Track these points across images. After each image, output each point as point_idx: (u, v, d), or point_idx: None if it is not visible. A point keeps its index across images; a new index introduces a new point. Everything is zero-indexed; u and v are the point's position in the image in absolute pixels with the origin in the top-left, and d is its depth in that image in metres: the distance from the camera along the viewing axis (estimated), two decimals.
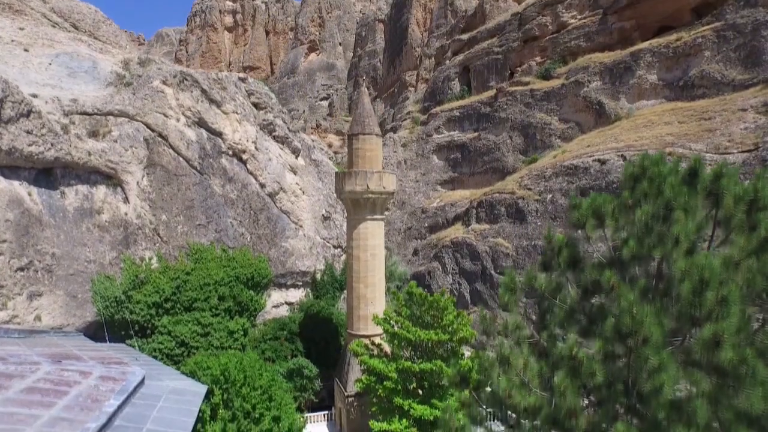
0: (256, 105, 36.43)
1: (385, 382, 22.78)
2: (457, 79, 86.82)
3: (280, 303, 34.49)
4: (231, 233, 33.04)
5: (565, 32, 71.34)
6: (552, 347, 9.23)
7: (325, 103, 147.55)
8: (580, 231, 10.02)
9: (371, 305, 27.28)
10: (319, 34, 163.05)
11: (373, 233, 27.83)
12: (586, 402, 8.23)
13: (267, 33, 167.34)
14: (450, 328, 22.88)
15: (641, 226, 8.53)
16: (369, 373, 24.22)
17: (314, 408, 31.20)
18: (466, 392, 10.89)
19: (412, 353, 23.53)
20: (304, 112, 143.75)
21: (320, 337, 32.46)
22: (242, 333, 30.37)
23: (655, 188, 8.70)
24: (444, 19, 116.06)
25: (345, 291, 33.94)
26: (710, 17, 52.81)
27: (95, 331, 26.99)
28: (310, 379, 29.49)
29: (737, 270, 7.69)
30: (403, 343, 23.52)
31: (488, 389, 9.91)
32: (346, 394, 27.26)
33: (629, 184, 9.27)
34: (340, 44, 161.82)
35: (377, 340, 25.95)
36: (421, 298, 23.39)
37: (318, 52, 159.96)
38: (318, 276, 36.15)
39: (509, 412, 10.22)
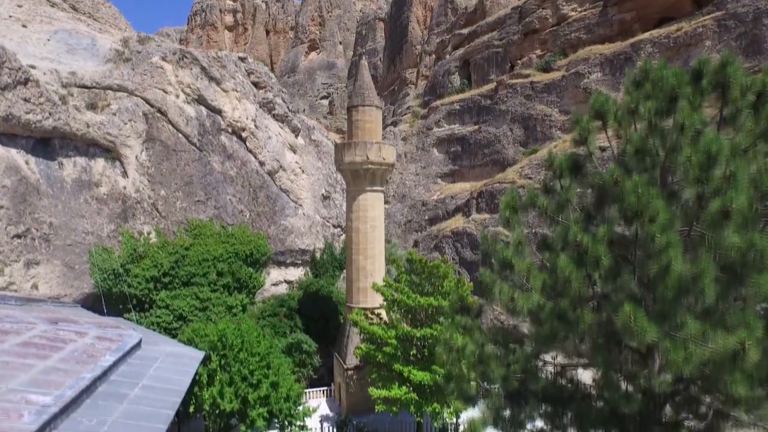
0: (255, 84, 36.31)
1: (384, 348, 22.53)
2: (457, 72, 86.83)
3: (279, 281, 34.25)
4: (230, 210, 32.84)
5: (566, 25, 71.32)
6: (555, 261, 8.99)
7: (325, 102, 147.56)
8: (582, 147, 9.85)
9: (371, 277, 27.04)
10: (320, 33, 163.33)
11: (373, 205, 27.63)
12: (592, 294, 8.01)
13: (267, 32, 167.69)
14: (450, 295, 22.63)
15: (644, 123, 8.36)
16: (368, 341, 23.97)
17: (313, 386, 30.93)
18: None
19: (412, 320, 23.27)
20: (304, 110, 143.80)
21: (319, 314, 32.22)
22: (241, 309, 30.12)
23: (658, 89, 8.52)
24: (444, 17, 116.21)
25: (345, 270, 33.72)
26: (711, 7, 52.79)
27: (93, 304, 26.72)
28: (309, 355, 29.23)
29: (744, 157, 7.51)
30: (402, 310, 23.28)
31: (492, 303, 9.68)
32: (345, 366, 27.00)
33: (632, 89, 9.09)
34: (340, 43, 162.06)
35: (377, 311, 25.73)
36: (421, 265, 23.17)
37: (318, 51, 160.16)
38: (317, 255, 35.91)
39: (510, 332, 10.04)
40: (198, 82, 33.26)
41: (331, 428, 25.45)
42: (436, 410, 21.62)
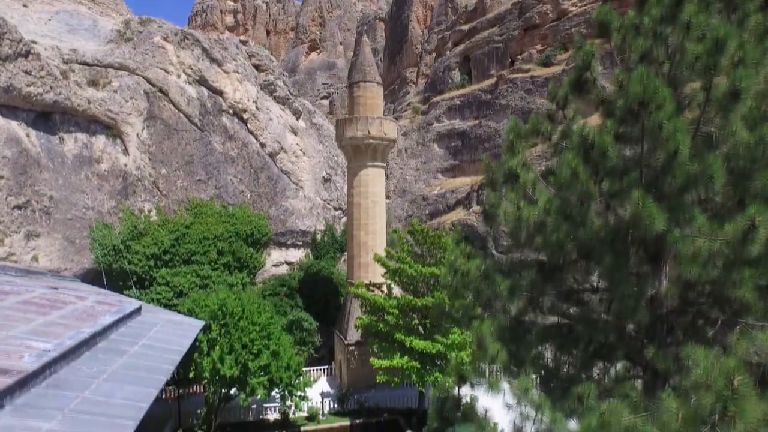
0: (257, 67, 36.33)
1: (386, 317, 22.41)
2: (457, 68, 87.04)
3: (279, 262, 34.13)
4: (231, 190, 32.78)
5: (566, 19, 71.52)
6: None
7: (325, 102, 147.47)
8: (588, 73, 9.77)
9: (372, 253, 26.90)
10: (320, 33, 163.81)
11: (374, 180, 27.56)
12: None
13: (268, 32, 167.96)
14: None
15: (649, 32, 8.28)
16: (370, 313, 23.86)
17: (314, 365, 30.74)
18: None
19: (413, 291, 23.15)
20: None
21: (320, 294, 32.10)
22: (241, 287, 29.98)
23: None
24: (444, 17, 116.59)
25: (346, 252, 33.62)
26: None
27: (93, 280, 26.61)
28: (310, 332, 29.09)
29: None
30: (403, 281, 23.17)
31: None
32: (346, 342, 26.85)
33: (636, 7, 9.03)
34: (340, 43, 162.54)
35: (379, 284, 25.63)
36: (422, 235, 23.09)
37: (319, 51, 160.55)
38: (318, 236, 35.81)
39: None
40: (199, 63, 33.27)
41: (331, 402, 25.28)
42: (438, 379, 21.48)
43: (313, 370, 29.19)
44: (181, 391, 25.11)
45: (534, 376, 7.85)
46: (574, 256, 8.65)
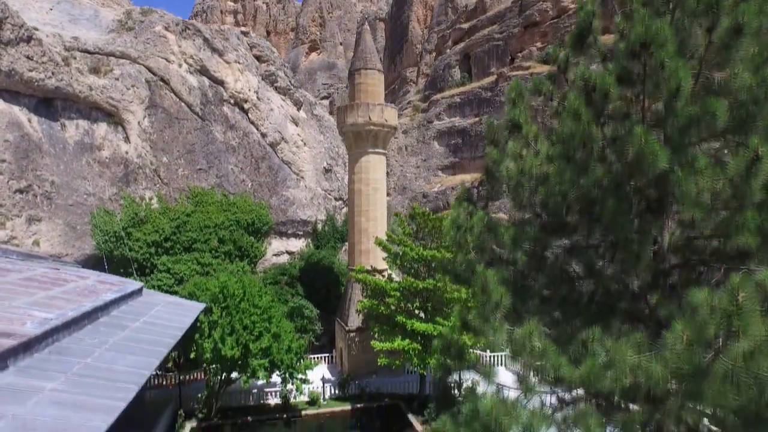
0: (258, 57, 36.39)
1: (387, 299, 22.41)
2: (457, 66, 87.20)
3: (280, 252, 34.13)
4: (232, 179, 32.80)
5: (566, 17, 71.70)
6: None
7: (326, 102, 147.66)
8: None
9: (373, 239, 26.91)
10: (320, 33, 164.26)
11: (375, 167, 27.59)
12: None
13: (268, 33, 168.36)
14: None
15: None
16: (371, 297, 23.86)
17: (314, 354, 30.72)
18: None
19: (414, 275, 23.14)
20: None
21: (321, 284, 32.11)
22: (242, 275, 29.99)
23: None
24: (444, 16, 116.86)
25: (346, 242, 33.64)
26: None
27: (94, 266, 26.58)
28: (311, 320, 29.07)
29: None
30: (405, 263, 23.18)
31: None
32: (347, 328, 26.83)
33: None
34: (340, 44, 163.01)
35: (380, 269, 25.64)
36: (424, 218, 23.10)
37: (319, 51, 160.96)
38: (319, 226, 35.82)
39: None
40: (200, 53, 33.34)
41: (332, 388, 25.25)
42: (440, 361, 21.41)
43: (314, 357, 29.13)
44: (182, 377, 25.11)
45: (538, 325, 7.83)
46: (577, 208, 8.68)
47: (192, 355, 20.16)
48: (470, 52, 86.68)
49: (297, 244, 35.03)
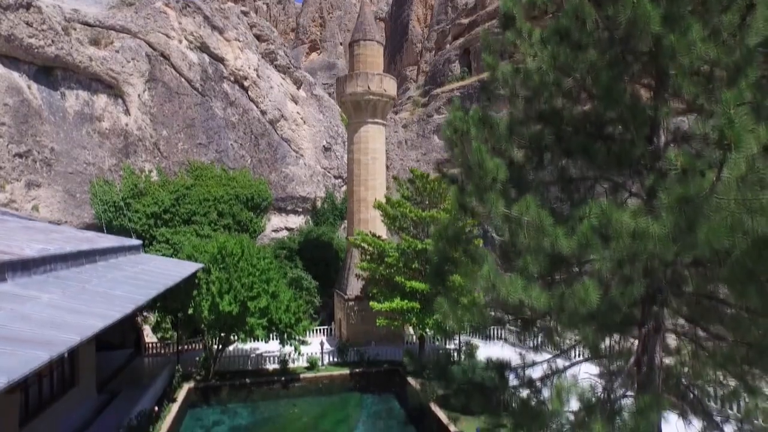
0: (258, 37, 36.55)
1: (386, 259, 22.38)
2: (457, 61, 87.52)
3: (279, 228, 34.12)
4: (231, 155, 32.85)
5: None
6: None
7: None
8: None
9: (372, 209, 26.92)
10: (320, 34, 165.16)
11: (374, 137, 27.63)
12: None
13: None
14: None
15: None
16: (370, 261, 23.83)
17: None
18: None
19: (414, 237, 23.12)
20: None
21: (320, 258, 32.08)
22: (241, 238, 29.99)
23: None
24: (444, 15, 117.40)
25: (345, 220, 33.64)
26: None
27: None
28: (310, 291, 29.01)
29: None
30: (404, 225, 23.17)
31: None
32: (346, 297, 26.78)
33: None
34: (340, 44, 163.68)
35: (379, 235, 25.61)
36: (422, 181, 23.12)
37: (319, 51, 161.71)
38: (318, 204, 35.84)
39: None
40: (201, 30, 33.48)
41: (331, 356, 25.16)
42: (438, 321, 21.39)
43: (313, 330, 29.06)
44: (180, 347, 25.08)
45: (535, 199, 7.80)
46: (572, 95, 8.70)
47: (190, 311, 20.07)
48: (470, 47, 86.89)
49: (296, 221, 35.03)
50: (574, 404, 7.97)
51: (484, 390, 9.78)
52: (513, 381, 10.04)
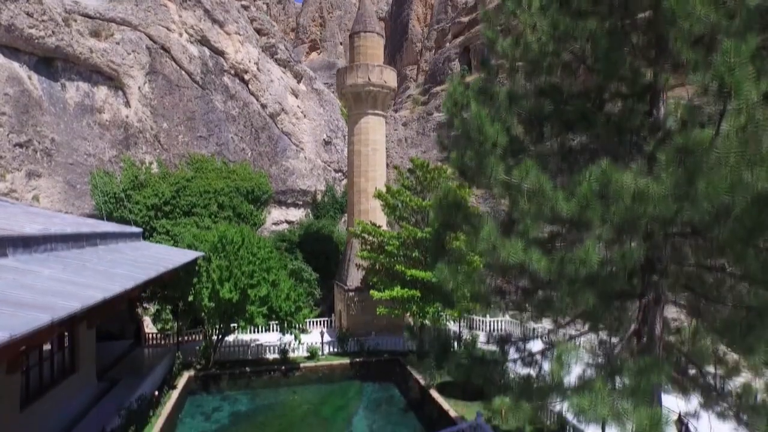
0: (258, 31, 36.59)
1: (386, 248, 22.39)
2: (457, 59, 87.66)
3: (280, 221, 34.14)
4: (232, 147, 32.87)
5: None
6: None
7: None
8: None
9: (372, 200, 26.93)
10: (320, 33, 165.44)
11: (375, 128, 27.66)
12: None
13: None
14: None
15: None
16: (370, 250, 23.84)
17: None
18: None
19: (414, 225, 23.13)
20: None
21: (320, 251, 32.09)
22: (242, 227, 29.99)
23: None
24: (444, 14, 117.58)
25: (345, 214, 33.68)
26: None
27: None
28: (310, 283, 29.02)
29: None
30: (404, 215, 23.19)
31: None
32: (346, 288, 26.78)
33: None
34: (340, 44, 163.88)
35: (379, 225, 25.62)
36: (423, 169, 23.14)
37: (319, 51, 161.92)
38: (319, 197, 35.86)
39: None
40: (201, 23, 33.52)
41: (331, 347, 25.16)
42: (439, 309, 21.44)
43: (313, 322, 29.07)
44: (180, 339, 25.09)
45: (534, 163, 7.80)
46: (571, 66, 8.73)
47: (190, 298, 20.07)
48: (470, 44, 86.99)
49: (296, 214, 35.06)
50: (574, 376, 7.99)
51: (485, 363, 9.79)
52: (513, 354, 10.07)
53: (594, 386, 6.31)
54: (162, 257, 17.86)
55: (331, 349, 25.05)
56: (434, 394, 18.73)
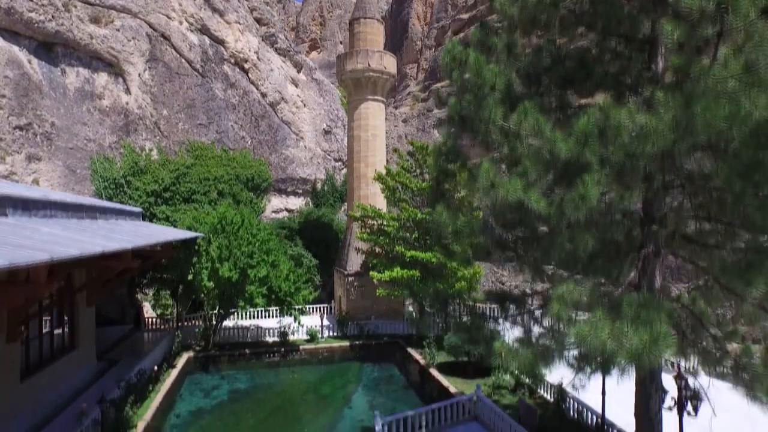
0: (258, 20, 36.65)
1: (386, 228, 22.40)
2: None
3: (280, 209, 34.14)
4: (231, 135, 32.89)
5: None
6: None
7: None
8: None
9: (372, 185, 26.97)
10: (320, 32, 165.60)
11: (374, 114, 27.68)
12: None
13: None
14: None
15: None
16: (370, 233, 23.84)
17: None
18: None
19: (415, 206, 23.14)
20: None
21: (320, 239, 32.09)
22: (242, 208, 29.95)
23: None
24: (444, 13, 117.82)
25: (345, 203, 33.70)
26: None
27: None
28: (310, 269, 29.00)
29: None
30: (403, 197, 23.20)
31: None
32: (346, 273, 26.78)
33: None
34: (341, 43, 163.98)
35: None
36: (423, 151, 23.16)
37: (319, 50, 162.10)
38: (318, 186, 35.88)
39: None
40: (201, 12, 33.57)
41: (331, 331, 25.16)
42: (439, 288, 21.41)
43: (312, 307, 29.05)
44: (179, 324, 25.08)
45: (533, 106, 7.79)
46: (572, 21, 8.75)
47: (190, 277, 20.06)
48: (470, 41, 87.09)
49: (296, 202, 35.07)
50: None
51: (485, 320, 9.78)
52: (513, 311, 10.05)
53: (594, 315, 6.31)
54: (162, 233, 17.88)
55: (331, 333, 25.06)
56: (434, 372, 18.72)
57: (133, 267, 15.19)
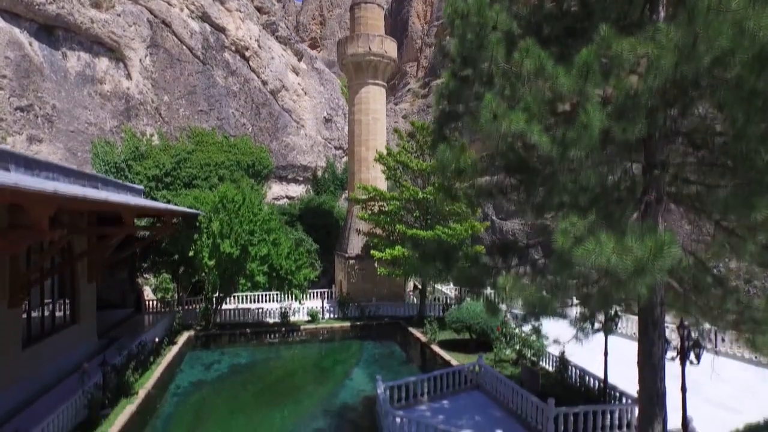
0: (259, 9, 36.71)
1: (388, 206, 22.42)
2: None
3: (280, 196, 34.14)
4: (232, 122, 32.91)
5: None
6: None
7: None
8: None
9: (372, 169, 27.00)
10: (320, 31, 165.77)
11: (375, 98, 27.70)
12: None
13: None
14: None
15: None
16: (371, 214, 23.83)
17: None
18: None
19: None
20: None
21: (321, 225, 32.09)
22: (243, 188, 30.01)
23: None
24: None
25: (346, 190, 33.70)
26: None
27: None
28: (310, 254, 28.98)
29: None
30: (404, 177, 23.21)
31: None
32: (347, 256, 26.77)
33: None
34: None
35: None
36: (424, 132, 23.16)
37: (319, 49, 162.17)
38: (319, 173, 35.92)
39: None
40: None
41: (332, 314, 25.14)
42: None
43: (313, 292, 29.00)
44: (180, 307, 25.05)
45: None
46: None
47: (190, 254, 20.06)
48: None
49: (297, 190, 35.08)
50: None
51: (488, 271, 9.77)
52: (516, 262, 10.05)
53: (600, 238, 6.31)
54: (162, 204, 17.87)
55: (332, 315, 25.04)
56: (436, 348, 18.71)
57: (134, 235, 15.19)
